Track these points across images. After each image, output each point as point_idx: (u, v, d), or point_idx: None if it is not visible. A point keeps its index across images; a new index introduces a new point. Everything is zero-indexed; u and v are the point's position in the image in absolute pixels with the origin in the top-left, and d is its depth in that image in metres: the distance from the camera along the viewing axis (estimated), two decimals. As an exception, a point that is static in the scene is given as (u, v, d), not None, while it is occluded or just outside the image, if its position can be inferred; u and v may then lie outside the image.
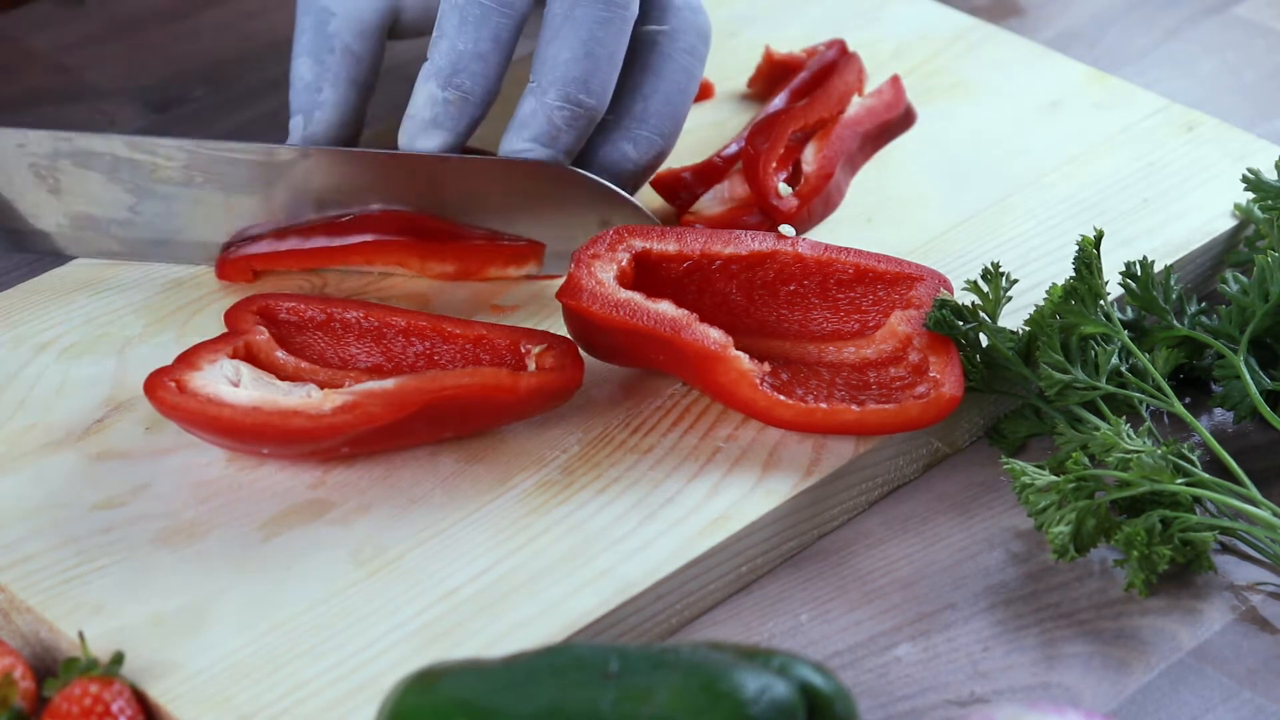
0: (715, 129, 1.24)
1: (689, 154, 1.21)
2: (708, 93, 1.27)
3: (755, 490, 1.01)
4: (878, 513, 1.04)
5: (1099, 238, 1.04)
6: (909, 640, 0.97)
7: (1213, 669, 0.96)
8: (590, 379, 1.06)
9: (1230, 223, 1.17)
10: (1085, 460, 0.99)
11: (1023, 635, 0.97)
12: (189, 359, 1.02)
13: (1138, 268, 1.07)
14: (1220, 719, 0.94)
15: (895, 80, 1.24)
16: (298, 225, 1.13)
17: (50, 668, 0.96)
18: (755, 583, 1.01)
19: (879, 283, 1.08)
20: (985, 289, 1.05)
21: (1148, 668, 0.96)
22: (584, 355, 1.05)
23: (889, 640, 0.97)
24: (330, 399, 1.00)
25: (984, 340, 1.06)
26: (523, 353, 1.05)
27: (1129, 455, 0.99)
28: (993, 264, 1.05)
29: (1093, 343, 1.04)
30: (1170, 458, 0.99)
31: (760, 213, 1.15)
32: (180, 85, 1.34)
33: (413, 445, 1.03)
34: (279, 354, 1.05)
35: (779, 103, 1.21)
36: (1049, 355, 1.03)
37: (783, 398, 1.02)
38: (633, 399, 1.06)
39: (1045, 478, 0.99)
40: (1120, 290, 1.08)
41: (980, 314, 1.05)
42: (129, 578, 0.97)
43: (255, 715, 0.91)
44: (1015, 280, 1.05)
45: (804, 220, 1.16)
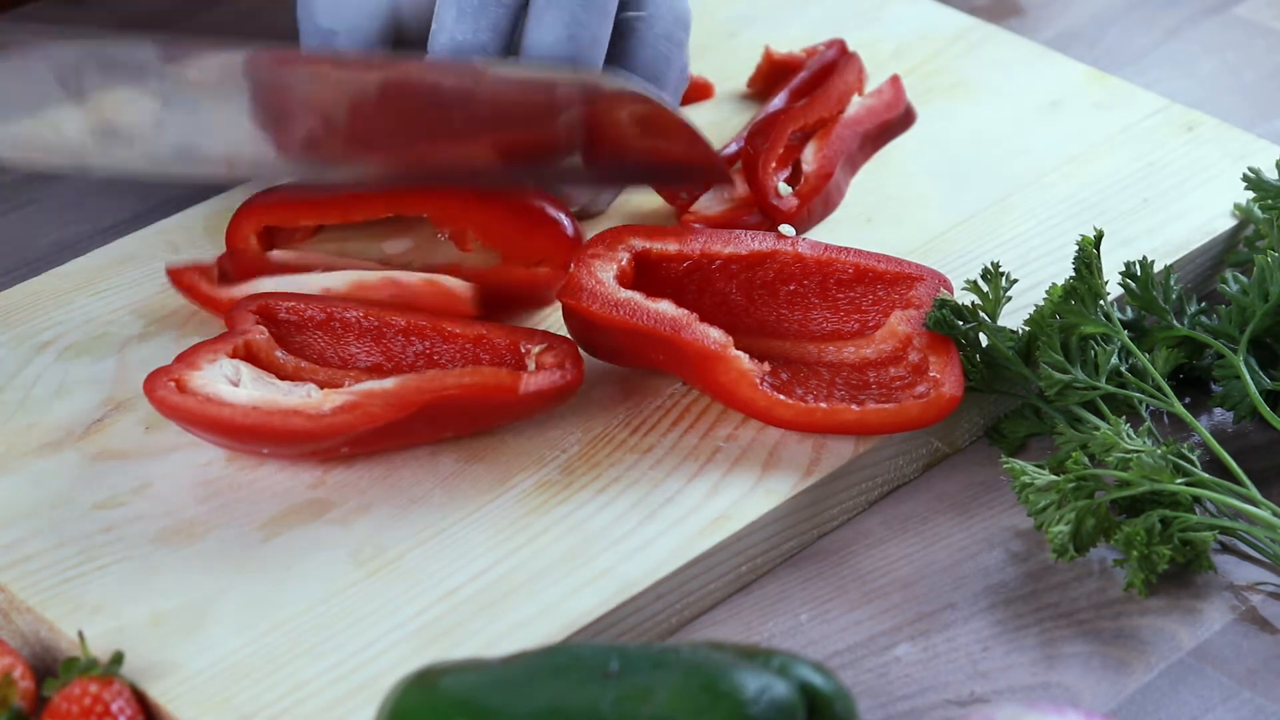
0: (715, 129, 1.24)
1: (689, 154, 1.21)
2: (707, 93, 1.27)
3: (755, 490, 1.01)
4: (877, 512, 1.04)
5: (1099, 238, 1.04)
6: (909, 640, 0.97)
7: (1212, 669, 0.96)
8: (590, 379, 1.06)
9: (1230, 223, 1.17)
10: (1085, 460, 0.99)
11: (1022, 635, 0.97)
12: (189, 359, 1.02)
13: (1137, 268, 1.07)
14: (1220, 719, 0.94)
15: (895, 80, 1.24)
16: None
17: (50, 668, 0.96)
18: (755, 583, 1.01)
19: (879, 282, 1.07)
20: (985, 289, 1.05)
21: (1147, 668, 0.96)
22: (584, 355, 1.05)
23: (889, 640, 0.97)
24: (330, 399, 1.00)
25: (984, 340, 1.06)
26: (523, 353, 1.05)
27: (1129, 455, 0.99)
28: (992, 264, 1.05)
29: (1093, 342, 1.04)
30: (1170, 458, 0.99)
31: (760, 213, 1.15)
32: (180, 85, 1.34)
33: (413, 445, 1.03)
34: (279, 353, 1.05)
35: (779, 103, 1.21)
36: (1049, 355, 1.03)
37: (783, 397, 1.02)
38: (633, 399, 1.06)
39: (1045, 477, 0.99)
40: (1120, 290, 1.08)
41: (980, 314, 1.05)
42: (129, 578, 0.97)
43: (255, 715, 0.91)
44: (1015, 280, 1.05)
45: (804, 220, 1.16)
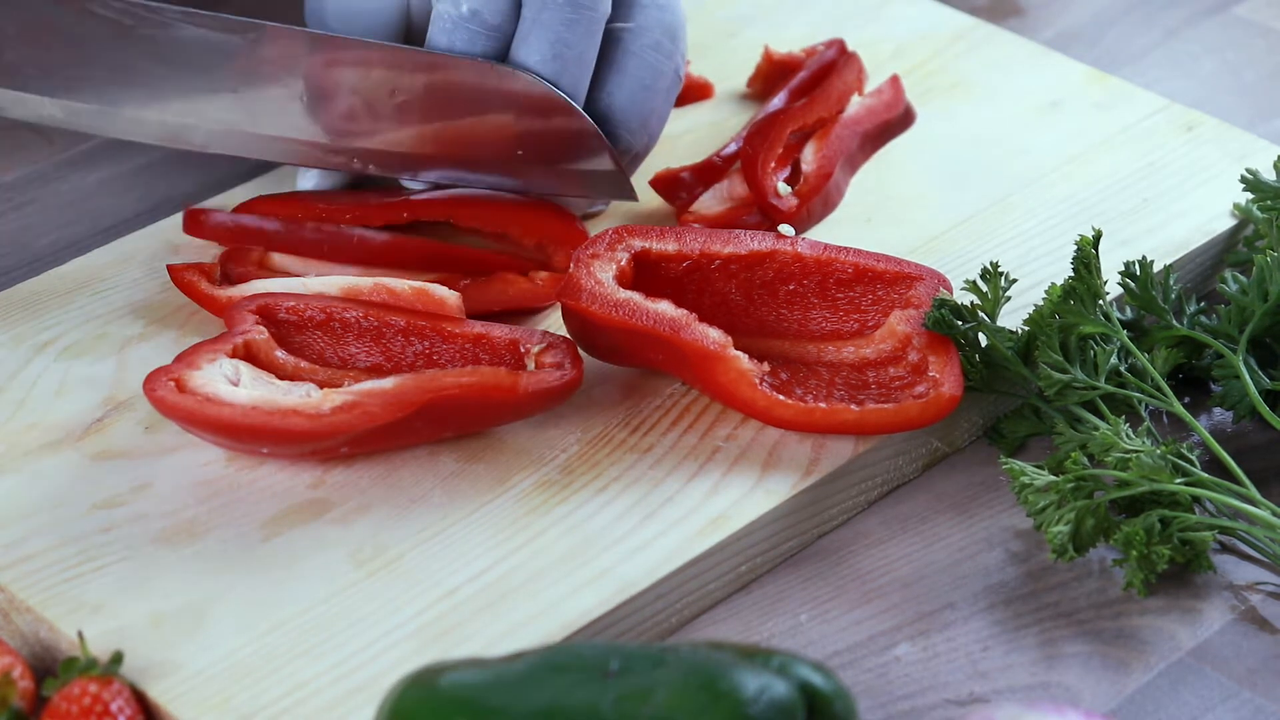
0: (715, 129, 1.24)
1: (689, 153, 1.21)
2: (707, 93, 1.27)
3: (755, 490, 1.01)
4: (877, 512, 1.04)
5: (1098, 237, 1.04)
6: (908, 640, 0.97)
7: (1212, 669, 0.96)
8: (590, 379, 1.06)
9: (1230, 223, 1.17)
10: (1084, 460, 0.99)
11: (1022, 635, 0.97)
12: (188, 358, 1.02)
13: (1137, 267, 1.07)
14: (1220, 719, 0.94)
15: (895, 80, 1.24)
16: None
17: (50, 667, 0.96)
18: (755, 582, 1.01)
19: (878, 282, 1.08)
20: (984, 289, 1.05)
21: (1147, 667, 0.96)
22: (584, 355, 1.05)
23: (888, 640, 0.97)
24: (329, 399, 1.00)
25: (983, 340, 1.06)
26: (523, 353, 1.05)
27: (1128, 455, 0.99)
28: (992, 264, 1.05)
29: (1092, 342, 1.04)
30: (1169, 457, 0.99)
31: (760, 213, 1.15)
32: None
33: (413, 445, 1.03)
34: (278, 353, 1.05)
35: (778, 103, 1.21)
36: (1048, 355, 1.03)
37: (782, 397, 1.02)
38: (633, 399, 1.06)
39: (1044, 477, 0.99)
40: (1119, 290, 1.08)
41: (979, 314, 1.05)
42: (129, 577, 0.97)
43: (255, 715, 0.91)
44: (1014, 280, 1.05)
45: (804, 220, 1.16)
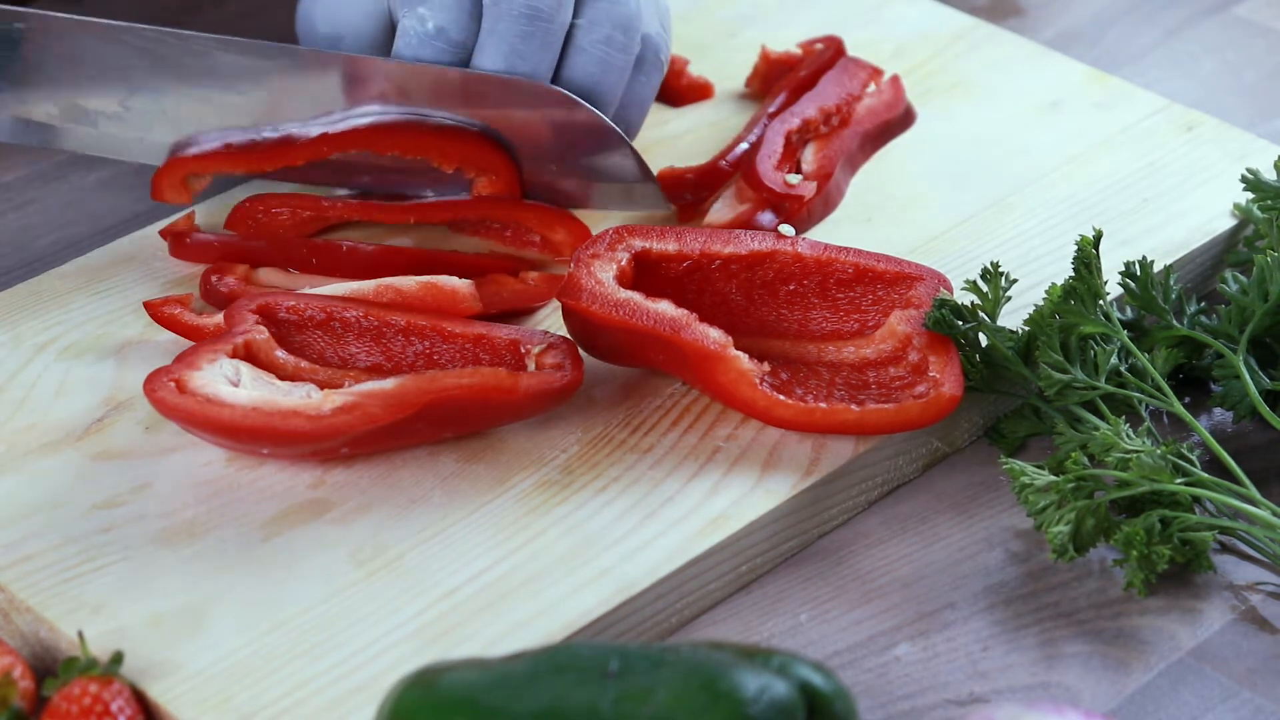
0: (715, 129, 1.24)
1: (689, 153, 1.21)
2: (708, 93, 1.27)
3: (755, 490, 1.01)
4: (877, 512, 1.04)
5: (1098, 237, 1.04)
6: (908, 640, 0.97)
7: (1212, 669, 0.96)
8: (590, 379, 1.06)
9: (1230, 223, 1.17)
10: (1085, 460, 0.99)
11: (1022, 635, 0.97)
12: (188, 358, 1.02)
13: (1137, 267, 1.07)
14: (1220, 719, 0.94)
15: (895, 80, 1.24)
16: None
17: (50, 667, 0.96)
18: (755, 582, 1.01)
19: (878, 282, 1.07)
20: (985, 289, 1.05)
21: (1147, 667, 0.96)
22: (584, 355, 1.05)
23: (888, 640, 0.97)
24: (330, 399, 1.00)
25: (984, 340, 1.06)
26: (523, 353, 1.05)
27: (1128, 455, 0.99)
28: (992, 264, 1.05)
29: (1092, 342, 1.04)
30: (1170, 457, 0.99)
31: (772, 210, 1.14)
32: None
33: (413, 445, 1.03)
34: (279, 353, 1.05)
35: (779, 102, 1.21)
36: (1048, 355, 1.03)
37: (782, 397, 1.02)
38: (633, 399, 1.06)
39: (1045, 477, 0.99)
40: (1120, 290, 1.08)
41: (980, 314, 1.05)
42: (129, 578, 0.97)
43: (255, 715, 0.91)
44: (1015, 280, 1.05)
45: (804, 220, 1.16)
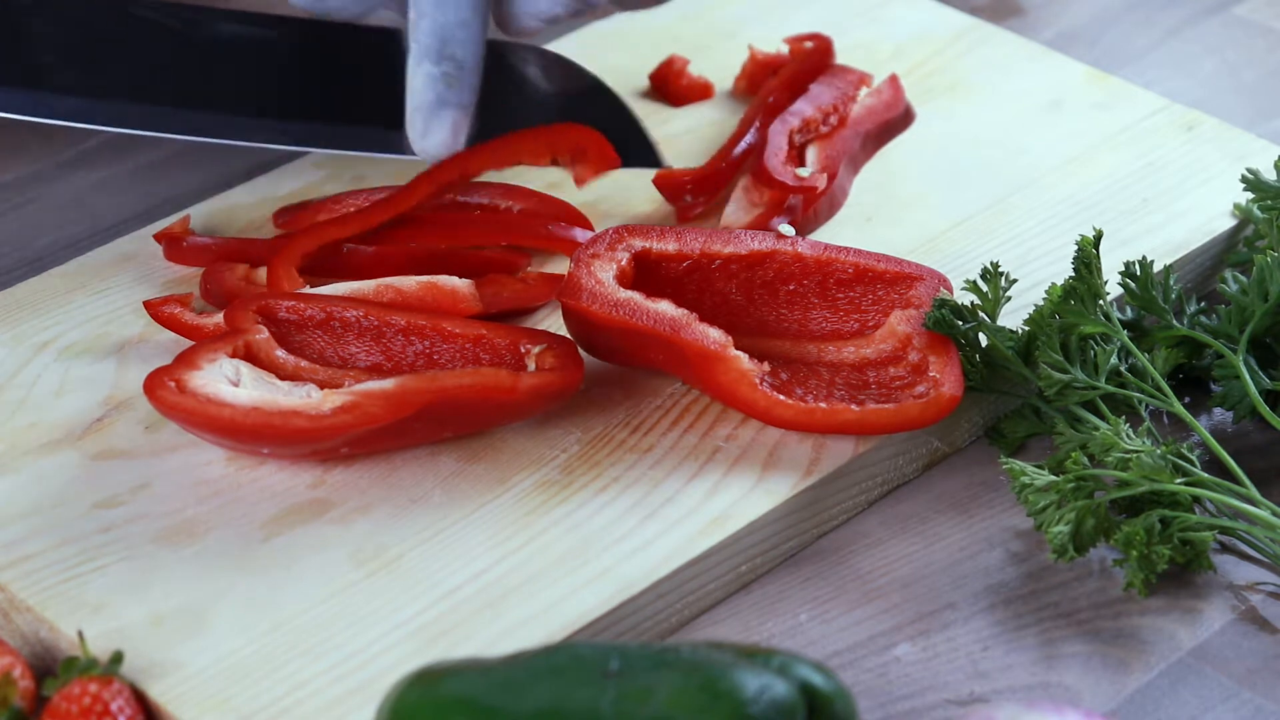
0: (715, 128, 1.24)
1: (689, 153, 1.21)
2: (708, 93, 1.27)
3: (755, 490, 1.01)
4: (877, 512, 1.04)
5: (1098, 237, 1.04)
6: (908, 640, 0.97)
7: (1212, 669, 0.96)
8: (590, 379, 1.06)
9: (1230, 223, 1.17)
10: (1084, 460, 0.99)
11: (1022, 635, 0.97)
12: (189, 358, 1.02)
13: (1137, 267, 1.07)
14: (1220, 719, 0.94)
15: (895, 80, 1.24)
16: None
17: (50, 667, 0.96)
18: (755, 582, 1.01)
19: (879, 282, 1.08)
20: (985, 289, 1.05)
21: (1147, 667, 0.96)
22: (584, 355, 1.05)
23: (888, 640, 0.97)
24: (330, 399, 1.00)
25: (983, 340, 1.06)
26: (523, 353, 1.05)
27: (1128, 455, 0.99)
28: (992, 264, 1.05)
29: (1092, 342, 1.04)
30: (1170, 457, 0.99)
31: (786, 207, 1.14)
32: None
33: (413, 445, 1.03)
34: (279, 353, 1.05)
35: (772, 101, 1.21)
36: (1048, 355, 1.03)
37: (782, 397, 1.02)
38: (633, 399, 1.06)
39: (1045, 477, 0.99)
40: (1120, 290, 1.08)
41: (980, 314, 1.05)
42: (129, 577, 0.97)
43: (255, 715, 0.91)
44: (1014, 280, 1.05)
45: (809, 222, 1.16)
